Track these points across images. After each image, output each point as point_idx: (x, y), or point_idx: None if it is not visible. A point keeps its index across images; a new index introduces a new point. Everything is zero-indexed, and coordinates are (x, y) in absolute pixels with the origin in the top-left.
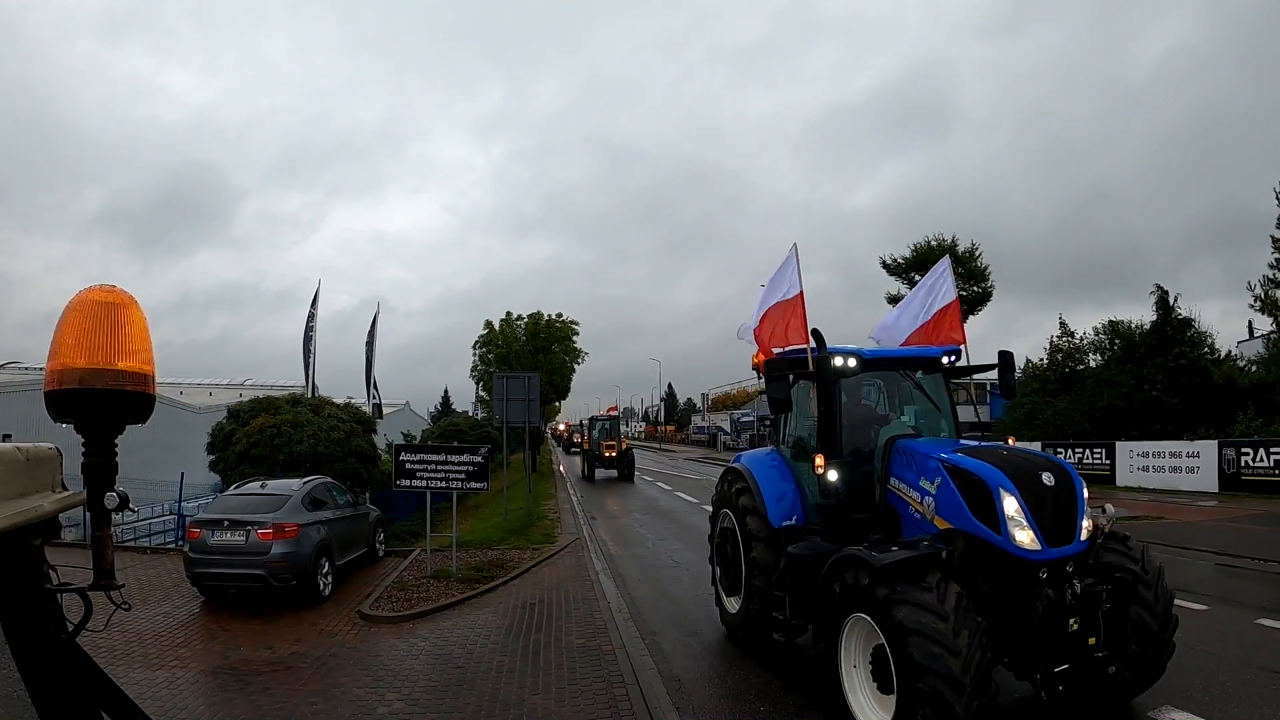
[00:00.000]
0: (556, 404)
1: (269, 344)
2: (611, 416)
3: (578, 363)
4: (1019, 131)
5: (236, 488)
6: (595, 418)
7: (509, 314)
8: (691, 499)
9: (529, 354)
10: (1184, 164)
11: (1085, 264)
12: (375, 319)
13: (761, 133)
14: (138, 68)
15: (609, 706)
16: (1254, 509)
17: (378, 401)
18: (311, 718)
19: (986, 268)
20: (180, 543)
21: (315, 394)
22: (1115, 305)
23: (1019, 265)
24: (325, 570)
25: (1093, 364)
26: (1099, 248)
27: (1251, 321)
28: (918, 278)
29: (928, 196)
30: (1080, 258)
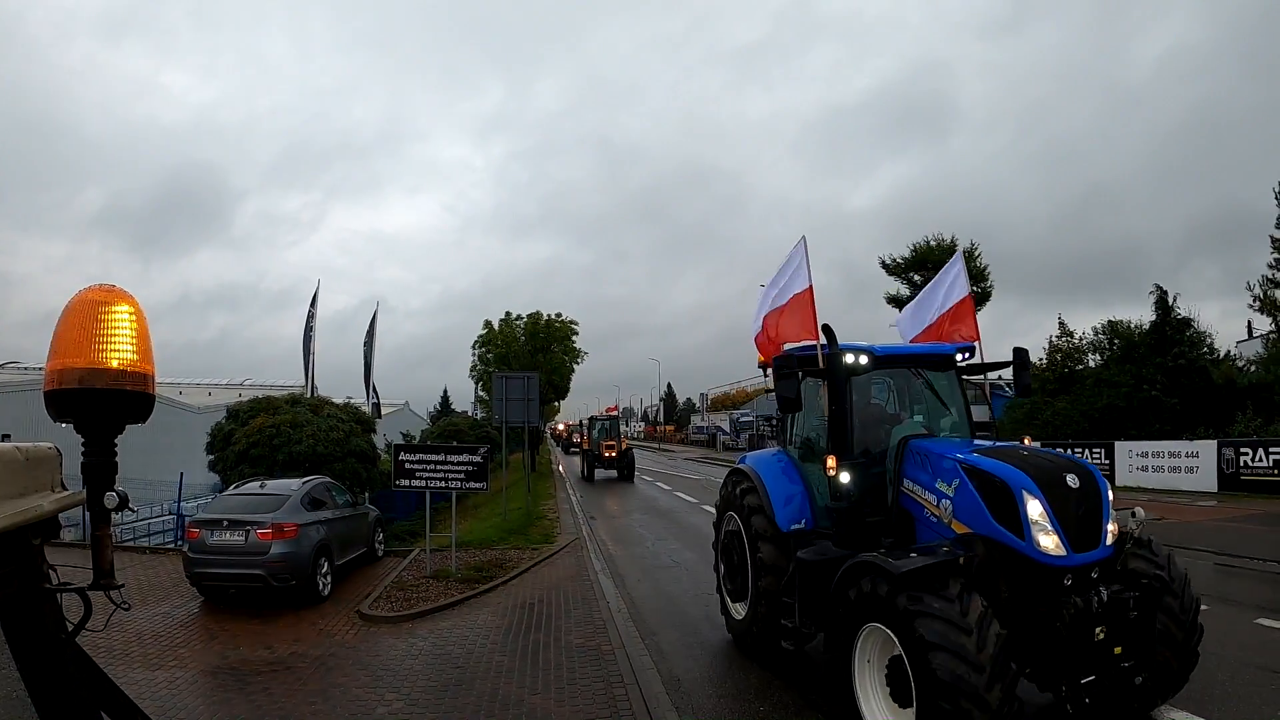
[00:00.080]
0: (556, 404)
1: (268, 344)
2: (611, 416)
3: (577, 363)
4: (1018, 132)
5: (236, 488)
6: (595, 417)
7: (508, 314)
8: (690, 499)
9: (528, 354)
10: (1183, 164)
11: (1084, 264)
12: (374, 318)
13: (761, 133)
14: (137, 68)
15: (608, 706)
16: (1253, 509)
17: (376, 401)
18: (311, 717)
19: (986, 268)
20: (179, 543)
21: (314, 394)
22: (1114, 305)
23: (1018, 265)
24: (324, 570)
25: (1092, 364)
26: (1098, 248)
27: (1251, 321)
28: (917, 278)
29: (927, 197)
30: (1079, 258)
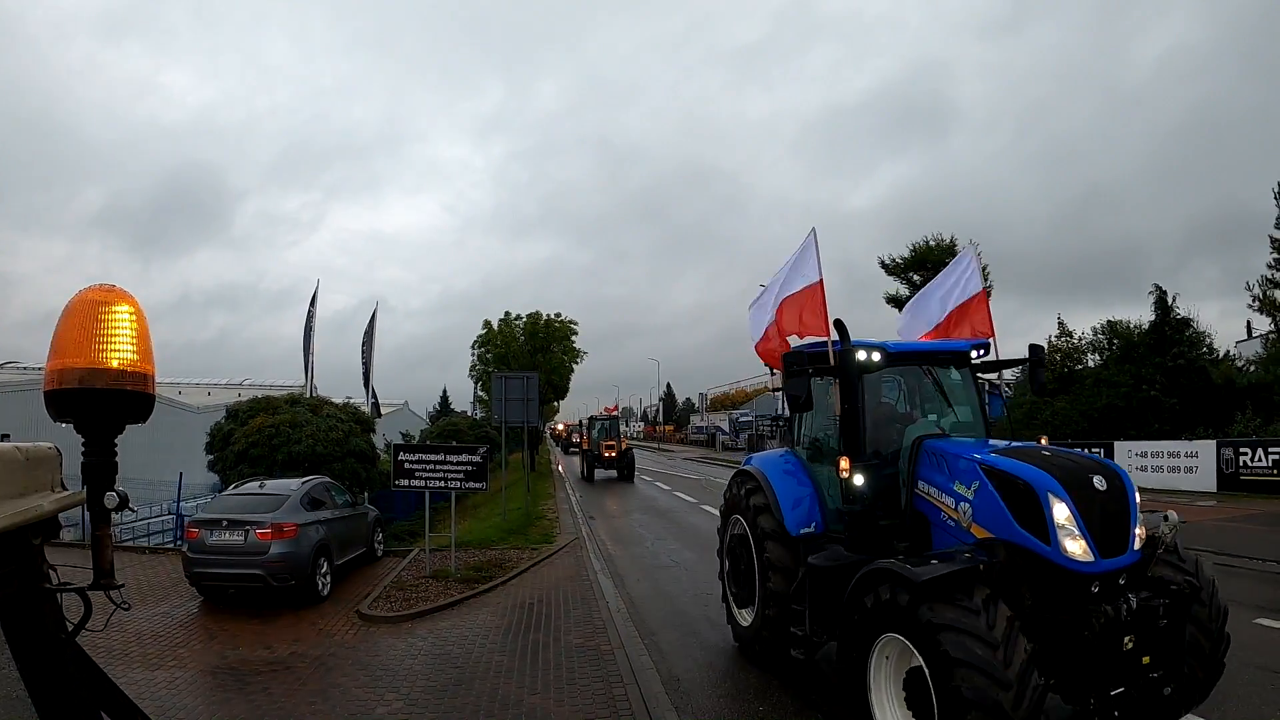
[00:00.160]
0: (555, 404)
1: (268, 344)
2: (611, 416)
3: (576, 363)
4: (1018, 132)
5: (235, 487)
6: (595, 417)
7: (507, 314)
8: (690, 499)
9: (527, 354)
10: (1183, 164)
11: (1084, 264)
12: (373, 317)
13: (760, 133)
14: (137, 68)
15: (608, 706)
16: (1252, 509)
17: (375, 401)
18: (310, 717)
19: (986, 267)
20: (179, 543)
21: (314, 394)
22: (1114, 305)
23: (1018, 265)
24: (324, 570)
25: (1091, 364)
26: (1097, 248)
27: (1250, 321)
28: (916, 278)
29: (926, 197)
30: (1079, 258)
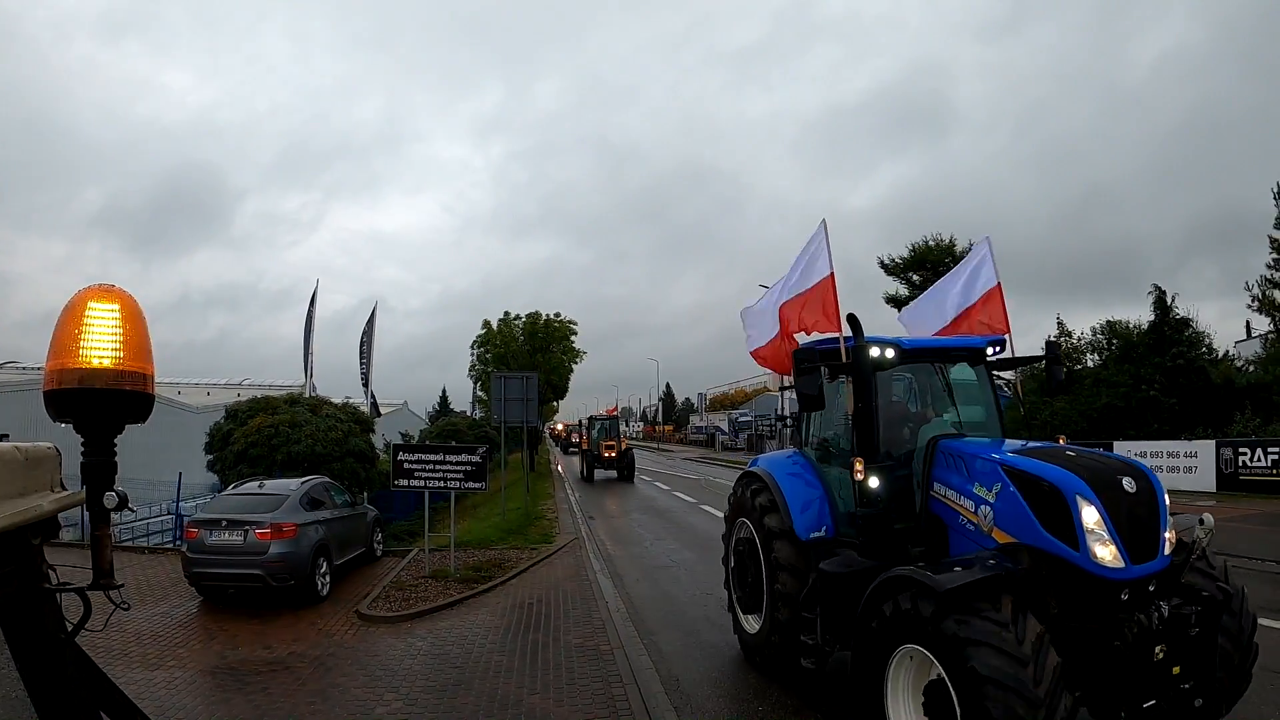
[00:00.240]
0: (554, 404)
1: (267, 344)
2: (611, 416)
3: (576, 362)
4: (1017, 132)
5: (234, 487)
6: (594, 417)
7: (507, 314)
8: (689, 499)
9: (527, 354)
10: (1182, 164)
11: (1083, 264)
12: (372, 317)
13: (760, 134)
14: (137, 68)
15: (607, 706)
16: (1252, 509)
17: (374, 401)
18: (310, 717)
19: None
20: (178, 542)
21: (313, 394)
22: (1113, 305)
23: (1017, 265)
24: (323, 570)
25: (1090, 364)
26: (1097, 248)
27: (1249, 321)
28: (916, 278)
29: (926, 197)
30: (1078, 258)
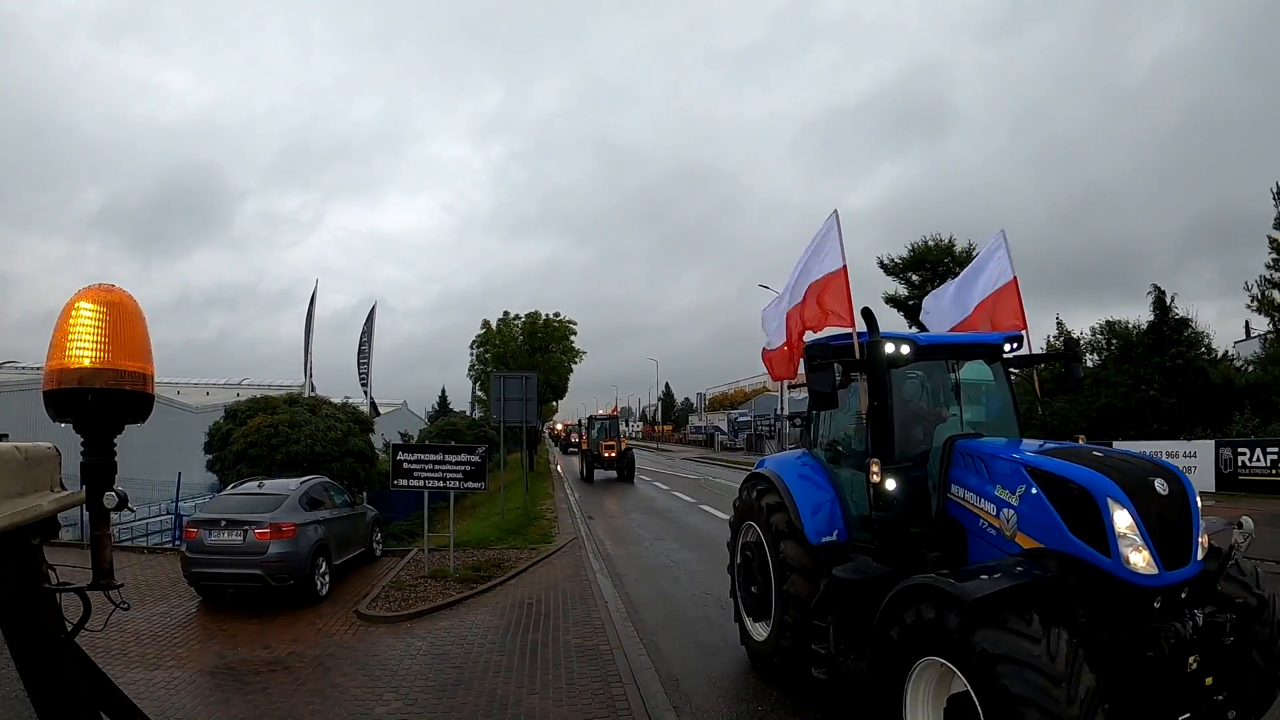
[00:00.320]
0: (553, 404)
1: (267, 344)
2: (611, 416)
3: (575, 362)
4: (1016, 133)
5: (234, 487)
6: (594, 417)
7: (506, 314)
8: (688, 499)
9: (526, 354)
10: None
11: (1082, 264)
12: (371, 316)
13: (759, 134)
14: (136, 68)
15: (606, 706)
16: (1251, 509)
17: (372, 400)
18: (309, 717)
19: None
20: (177, 542)
21: (313, 394)
22: (1112, 305)
23: (1016, 265)
24: (323, 570)
25: (1090, 364)
26: (1096, 248)
27: (1248, 322)
28: (915, 278)
29: (925, 197)
30: (1077, 258)
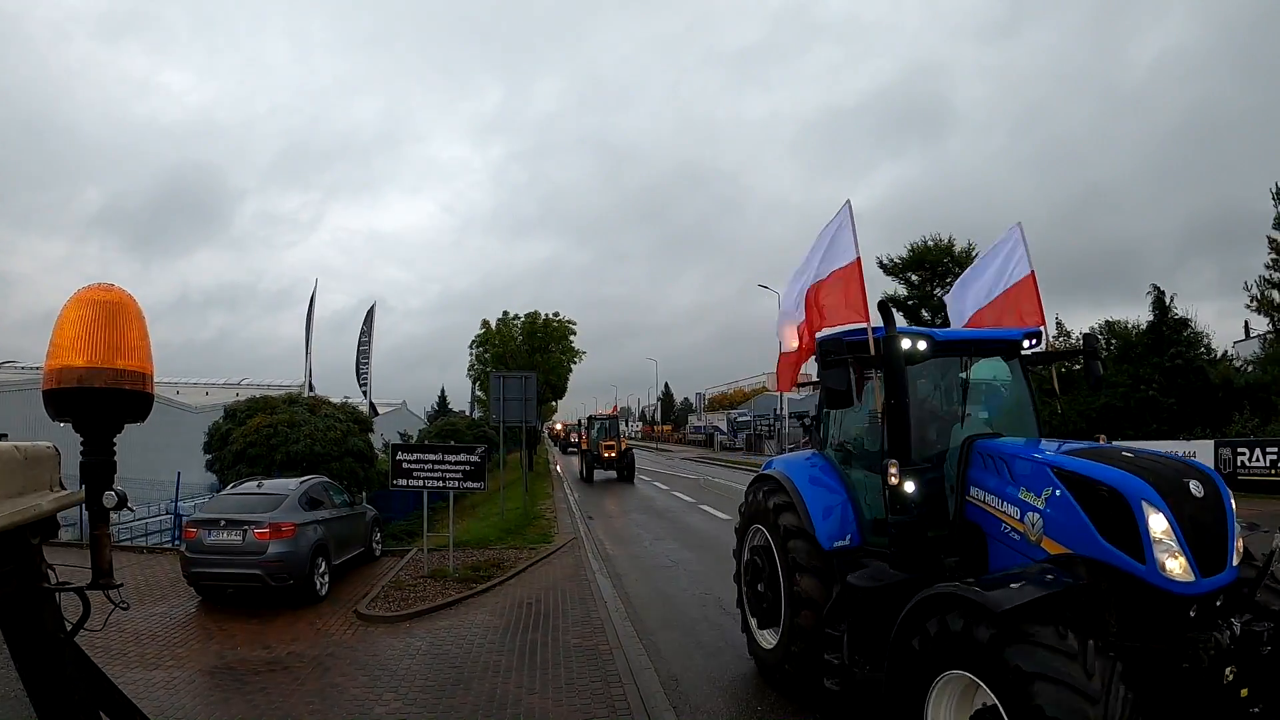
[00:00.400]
0: (553, 404)
1: (266, 344)
2: (611, 416)
3: (575, 362)
4: (1016, 133)
5: (233, 487)
6: (594, 417)
7: (506, 314)
8: (688, 499)
9: (525, 354)
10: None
11: (1082, 264)
12: (370, 315)
13: (759, 134)
14: (136, 68)
15: (606, 706)
16: (1250, 509)
17: (371, 400)
18: (308, 717)
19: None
20: (177, 542)
21: (312, 393)
22: (1112, 305)
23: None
24: (322, 570)
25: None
26: (1095, 248)
27: (1248, 322)
28: (914, 278)
29: (925, 197)
30: (1077, 258)
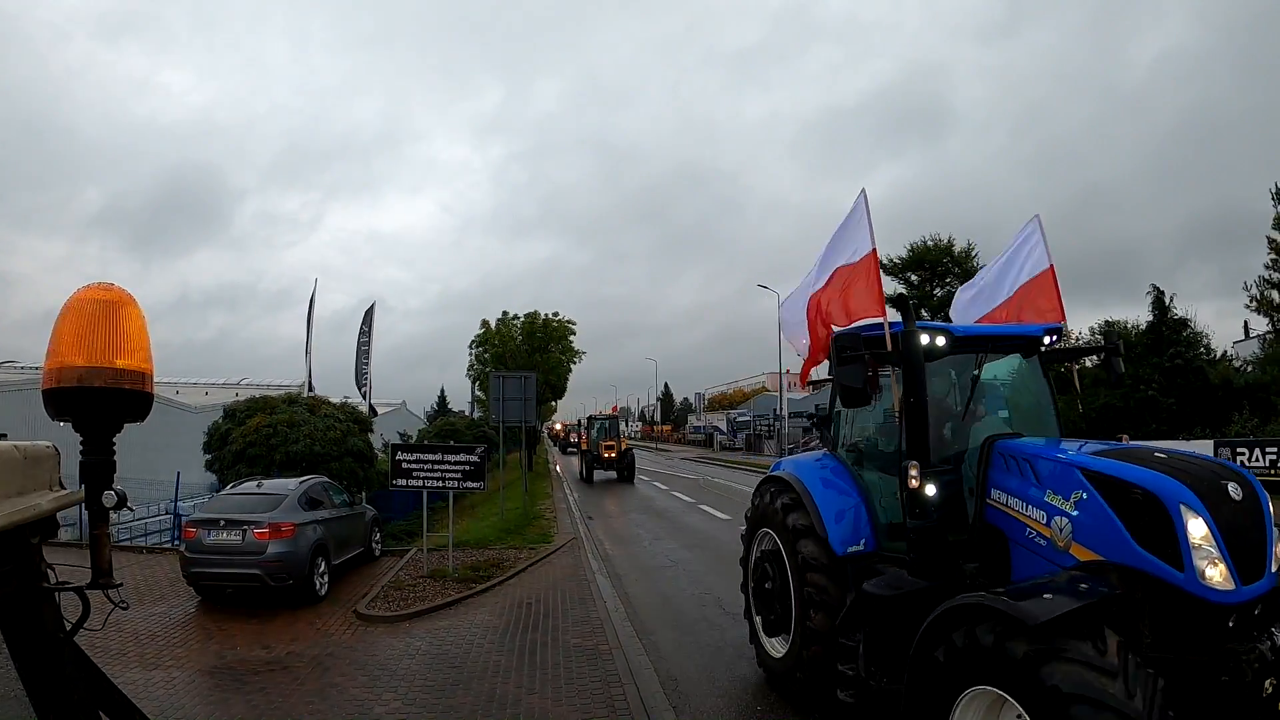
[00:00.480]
0: (553, 404)
1: (266, 344)
2: (611, 416)
3: (574, 362)
4: (1015, 133)
5: (233, 487)
6: (594, 417)
7: (505, 314)
8: (687, 499)
9: (525, 354)
10: (1180, 166)
11: (1081, 264)
12: (370, 314)
13: (758, 135)
14: (136, 68)
15: (606, 706)
16: None
17: (371, 405)
18: (308, 717)
19: (984, 268)
20: (176, 542)
21: (312, 393)
22: (1111, 305)
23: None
24: (321, 570)
25: (1089, 364)
26: (1095, 248)
27: (1247, 322)
28: (914, 278)
29: (924, 197)
30: (1076, 258)
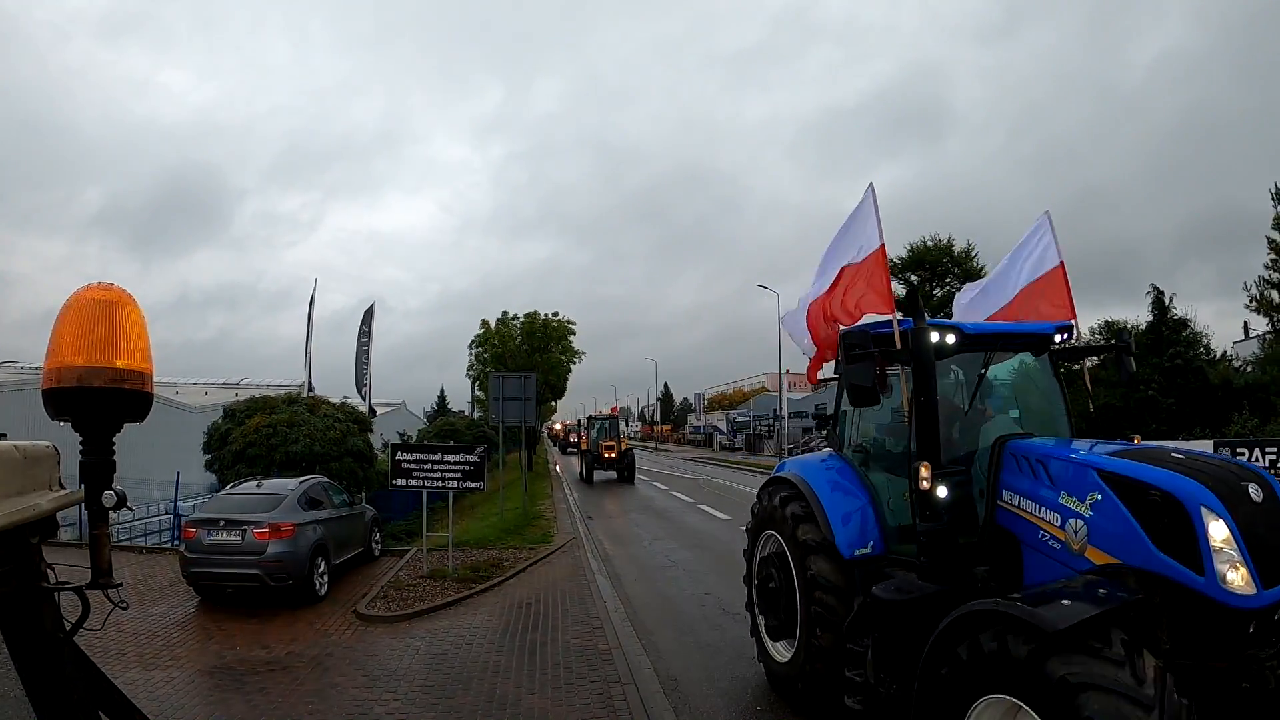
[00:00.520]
0: (552, 404)
1: (266, 343)
2: (611, 416)
3: (574, 362)
4: (1014, 134)
5: (232, 487)
6: (594, 417)
7: (505, 314)
8: (687, 499)
9: (525, 354)
10: (1178, 166)
11: (1080, 265)
12: (369, 314)
13: (758, 135)
14: (136, 68)
15: (605, 706)
16: None
17: (370, 401)
18: (308, 717)
19: (983, 268)
20: (176, 542)
21: (312, 393)
22: (1111, 306)
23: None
24: (321, 570)
25: (1088, 364)
26: (1095, 248)
27: (1247, 322)
28: (913, 278)
29: (924, 198)
30: (1075, 259)
